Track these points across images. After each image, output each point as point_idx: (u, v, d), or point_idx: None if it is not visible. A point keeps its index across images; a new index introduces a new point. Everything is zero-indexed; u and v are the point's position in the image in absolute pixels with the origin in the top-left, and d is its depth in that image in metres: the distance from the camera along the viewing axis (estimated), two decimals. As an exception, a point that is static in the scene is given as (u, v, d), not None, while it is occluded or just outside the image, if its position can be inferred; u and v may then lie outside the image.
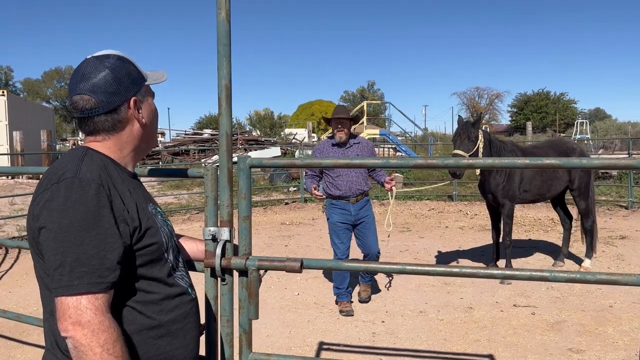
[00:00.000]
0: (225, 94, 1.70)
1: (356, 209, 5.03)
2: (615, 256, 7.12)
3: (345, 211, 5.01)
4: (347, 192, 4.98)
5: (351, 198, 5.00)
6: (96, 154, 1.41)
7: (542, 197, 6.39)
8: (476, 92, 59.53)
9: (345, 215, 5.01)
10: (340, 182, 4.97)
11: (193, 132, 28.80)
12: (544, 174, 6.13)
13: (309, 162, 1.86)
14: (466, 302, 5.33)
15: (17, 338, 4.49)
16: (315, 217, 11.15)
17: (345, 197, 4.99)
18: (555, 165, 1.60)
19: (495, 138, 6.14)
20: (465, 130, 5.60)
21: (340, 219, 5.02)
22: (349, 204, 5.01)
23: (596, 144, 22.22)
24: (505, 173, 5.90)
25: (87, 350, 1.19)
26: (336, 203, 5.03)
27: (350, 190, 4.97)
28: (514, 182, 5.94)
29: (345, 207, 5.01)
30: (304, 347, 4.25)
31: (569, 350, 4.10)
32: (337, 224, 5.03)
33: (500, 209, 6.07)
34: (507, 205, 5.97)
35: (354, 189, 4.98)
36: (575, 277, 1.57)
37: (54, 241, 1.23)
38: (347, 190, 4.97)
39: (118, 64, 1.44)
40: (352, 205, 5.01)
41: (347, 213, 5.01)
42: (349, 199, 5.00)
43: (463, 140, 5.56)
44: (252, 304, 1.73)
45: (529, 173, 6.01)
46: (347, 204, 5.01)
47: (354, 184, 4.98)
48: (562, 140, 7.50)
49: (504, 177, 5.91)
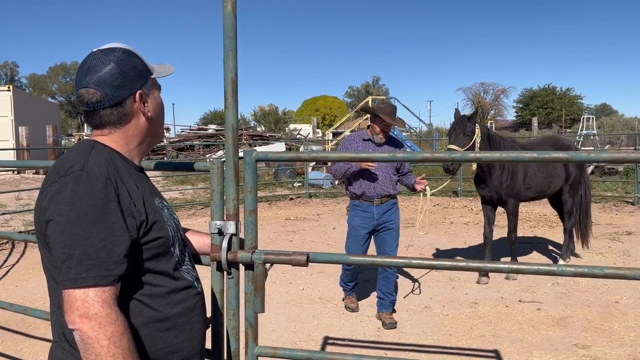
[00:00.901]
0: (231, 88, 1.69)
1: (380, 212, 4.55)
2: (622, 252, 7.09)
3: (367, 213, 4.56)
4: (370, 193, 4.53)
5: (375, 199, 4.54)
6: (103, 148, 1.41)
7: (543, 194, 6.28)
8: (482, 87, 59.32)
9: (366, 219, 4.56)
10: (365, 182, 4.53)
11: (198, 128, 28.86)
12: (545, 171, 6.03)
13: (315, 155, 1.86)
14: (471, 298, 5.32)
15: (23, 332, 4.52)
16: (320, 212, 11.15)
17: (369, 198, 4.55)
18: (564, 159, 1.59)
19: (495, 133, 5.98)
20: (461, 124, 5.39)
21: (362, 222, 4.58)
22: (372, 206, 4.55)
23: (602, 140, 22.10)
24: (509, 170, 5.74)
25: (94, 342, 1.19)
26: (358, 204, 4.60)
27: (375, 190, 4.52)
28: (518, 179, 5.80)
29: (368, 209, 4.56)
30: (309, 342, 4.26)
31: (575, 346, 4.09)
32: (356, 228, 4.59)
33: (505, 206, 5.92)
34: (511, 202, 5.84)
35: (379, 189, 4.52)
36: (583, 272, 1.56)
37: (61, 234, 1.24)
38: (371, 190, 4.52)
39: (124, 57, 1.44)
40: (376, 208, 4.54)
41: (369, 216, 4.56)
42: (372, 200, 4.54)
43: (458, 134, 5.36)
44: (258, 298, 1.73)
45: (532, 170, 5.90)
46: (370, 205, 4.55)
47: (380, 184, 4.53)
48: (557, 136, 7.57)
49: (507, 175, 5.74)
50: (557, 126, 40.54)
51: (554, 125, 43.62)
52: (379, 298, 4.69)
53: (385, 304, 4.65)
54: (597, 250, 7.24)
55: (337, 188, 14.41)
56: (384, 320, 4.57)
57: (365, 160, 1.90)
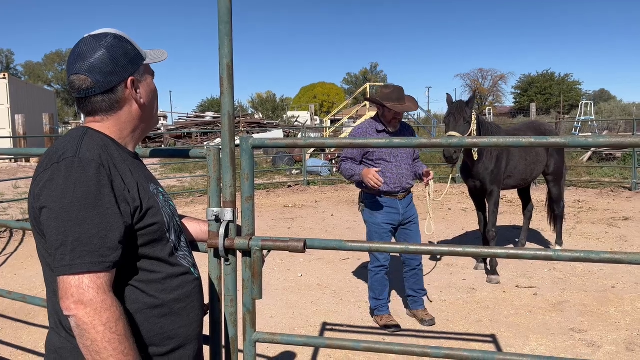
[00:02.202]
0: (227, 73, 1.67)
1: (404, 206, 4.30)
2: (619, 237, 7.12)
3: (393, 209, 4.26)
4: (396, 187, 4.23)
5: (399, 194, 4.27)
6: (96, 134, 1.40)
7: (525, 182, 6.10)
8: (480, 73, 59.01)
9: (392, 215, 4.26)
10: (390, 175, 4.21)
11: (195, 115, 28.74)
12: (528, 158, 5.88)
13: (312, 142, 1.85)
14: (469, 284, 5.35)
15: (23, 319, 4.54)
16: (318, 199, 11.16)
17: (394, 193, 4.26)
18: (561, 144, 1.59)
19: (483, 118, 5.75)
20: (460, 110, 5.11)
21: (387, 219, 4.26)
22: (397, 201, 4.27)
23: (600, 126, 22.09)
24: (494, 157, 5.51)
25: (90, 328, 1.19)
26: (382, 200, 4.26)
27: (401, 184, 4.24)
28: (502, 167, 5.57)
29: (393, 205, 4.26)
30: (307, 328, 4.29)
31: (571, 330, 4.12)
32: (382, 226, 4.25)
33: (487, 196, 5.61)
34: (495, 192, 5.55)
35: (404, 183, 4.26)
36: (580, 257, 1.56)
37: (55, 220, 1.23)
38: (397, 184, 4.23)
39: (115, 43, 1.42)
40: (400, 202, 4.28)
41: (395, 212, 4.26)
42: (397, 195, 4.27)
43: (458, 121, 5.06)
44: (255, 284, 1.73)
45: (515, 157, 5.73)
46: (394, 200, 4.26)
47: (404, 177, 4.26)
48: (538, 122, 7.53)
49: (493, 162, 5.50)
50: (555, 112, 40.49)
51: (552, 111, 43.55)
52: (410, 296, 4.48)
53: (419, 301, 4.46)
54: (594, 235, 7.28)
55: (335, 175, 14.41)
56: (423, 317, 4.36)
57: (363, 147, 1.89)
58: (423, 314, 4.40)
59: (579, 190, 11.56)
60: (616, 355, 3.68)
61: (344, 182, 13.54)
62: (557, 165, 6.30)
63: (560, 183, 6.47)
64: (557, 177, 6.39)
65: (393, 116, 4.21)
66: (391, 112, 4.18)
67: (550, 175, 6.33)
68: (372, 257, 4.35)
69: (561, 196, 6.51)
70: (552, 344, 3.88)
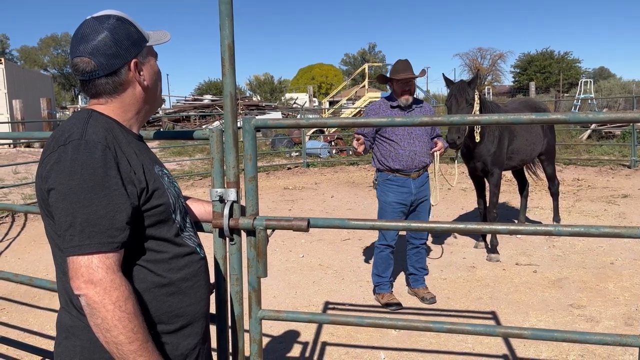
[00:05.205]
0: (229, 54, 1.68)
1: (417, 185, 4.22)
2: (618, 214, 7.17)
3: (405, 189, 4.19)
4: (409, 166, 4.16)
5: (412, 172, 4.19)
6: (101, 116, 1.41)
7: (524, 162, 6.10)
8: (479, 52, 58.49)
9: (404, 194, 4.19)
10: (402, 153, 4.13)
11: (193, 98, 28.56)
12: (528, 138, 5.87)
13: (314, 122, 1.86)
14: (469, 262, 5.40)
15: (28, 302, 4.59)
16: (318, 181, 11.18)
17: (407, 172, 4.19)
18: (562, 120, 1.60)
19: (484, 97, 5.64)
20: (462, 92, 4.90)
21: (398, 198, 4.19)
22: (409, 180, 4.19)
23: (600, 103, 22.00)
24: (496, 138, 5.42)
25: (100, 307, 1.22)
26: (394, 179, 4.20)
27: (413, 162, 4.15)
28: (504, 148, 5.51)
29: (405, 184, 4.19)
30: (310, 307, 4.34)
31: (570, 306, 4.17)
32: (392, 205, 4.20)
33: (489, 177, 5.55)
34: (497, 173, 5.51)
35: (417, 161, 4.17)
36: (579, 231, 1.59)
37: (63, 202, 1.25)
38: (410, 163, 4.15)
39: (117, 25, 1.42)
40: (413, 182, 4.20)
41: (407, 191, 4.20)
42: (409, 174, 4.19)
43: (461, 104, 4.87)
44: (260, 263, 1.76)
45: (517, 138, 5.69)
46: (407, 179, 4.19)
47: (418, 155, 4.16)
48: (532, 99, 7.68)
49: (495, 143, 5.39)
50: (554, 91, 40.30)
51: (551, 89, 43.33)
52: (411, 274, 4.51)
53: (420, 280, 4.48)
54: (594, 213, 7.32)
55: (335, 157, 14.41)
56: (424, 295, 4.38)
57: (364, 126, 1.90)
58: (424, 292, 4.44)
59: (578, 168, 11.59)
60: (615, 330, 3.74)
61: (344, 164, 13.55)
62: (550, 144, 6.37)
63: (553, 162, 6.60)
64: (550, 156, 6.48)
65: (402, 88, 4.19)
66: (399, 83, 4.18)
67: (544, 155, 6.39)
68: (380, 235, 4.35)
69: (555, 174, 6.61)
70: (552, 320, 3.94)
